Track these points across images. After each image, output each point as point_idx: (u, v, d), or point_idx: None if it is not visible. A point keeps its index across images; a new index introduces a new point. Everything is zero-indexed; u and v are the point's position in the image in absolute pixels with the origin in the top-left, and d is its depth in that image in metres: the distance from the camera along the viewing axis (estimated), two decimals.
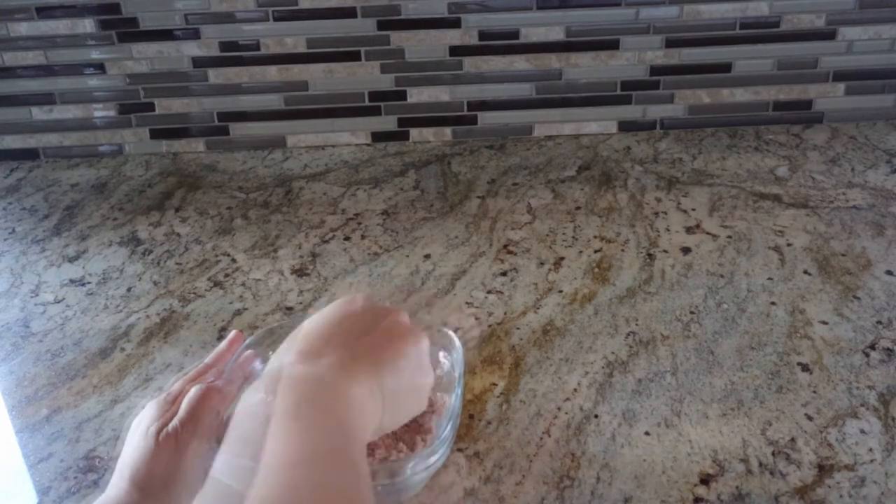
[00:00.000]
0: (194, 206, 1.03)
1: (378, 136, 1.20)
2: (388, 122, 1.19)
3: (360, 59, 1.14)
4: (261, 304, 0.82)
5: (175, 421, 0.53)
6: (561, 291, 0.81)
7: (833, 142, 1.13)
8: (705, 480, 0.58)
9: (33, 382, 0.72)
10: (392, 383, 0.45)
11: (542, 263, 0.87)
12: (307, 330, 0.47)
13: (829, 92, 1.18)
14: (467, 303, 0.80)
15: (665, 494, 0.57)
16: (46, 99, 1.16)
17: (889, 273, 0.82)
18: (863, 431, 0.62)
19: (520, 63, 1.15)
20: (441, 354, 0.63)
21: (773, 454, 0.60)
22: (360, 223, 0.97)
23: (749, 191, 1.00)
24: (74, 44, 1.12)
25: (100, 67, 1.14)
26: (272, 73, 1.15)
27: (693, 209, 0.96)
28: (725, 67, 1.16)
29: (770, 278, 0.82)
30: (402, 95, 1.17)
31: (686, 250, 0.88)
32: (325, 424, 0.39)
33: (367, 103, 1.17)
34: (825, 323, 0.75)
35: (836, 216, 0.93)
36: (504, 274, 0.85)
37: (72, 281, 0.88)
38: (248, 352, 0.63)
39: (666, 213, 0.95)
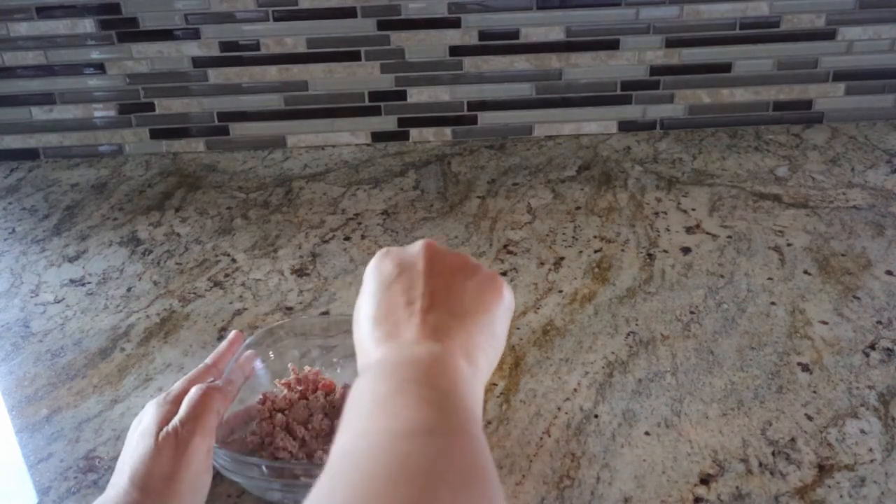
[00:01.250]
0: (194, 206, 1.03)
1: (378, 136, 1.20)
2: (388, 122, 1.19)
3: (360, 59, 1.14)
4: (261, 304, 0.82)
5: (175, 420, 0.53)
6: (561, 291, 0.81)
7: (833, 142, 1.13)
8: (705, 480, 0.58)
9: (33, 382, 0.72)
10: (485, 344, 0.43)
11: (542, 263, 0.87)
12: (371, 313, 0.44)
13: (829, 92, 1.18)
14: None
15: (665, 494, 0.57)
16: (46, 99, 1.16)
17: (889, 273, 0.82)
18: (863, 431, 0.62)
19: (520, 63, 1.15)
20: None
21: (773, 454, 0.60)
22: (360, 223, 0.97)
23: (749, 191, 1.00)
24: (74, 44, 1.12)
25: (100, 67, 1.14)
26: (272, 73, 1.15)
27: (693, 209, 0.96)
28: (725, 67, 1.16)
29: (770, 278, 0.82)
30: (402, 95, 1.17)
31: (686, 250, 0.88)
32: (430, 398, 0.36)
33: (367, 103, 1.17)
34: (825, 323, 0.75)
35: (836, 216, 0.93)
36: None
37: (72, 281, 0.88)
38: (249, 352, 0.64)
39: (666, 213, 0.96)
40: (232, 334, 0.64)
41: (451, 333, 0.42)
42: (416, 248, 0.48)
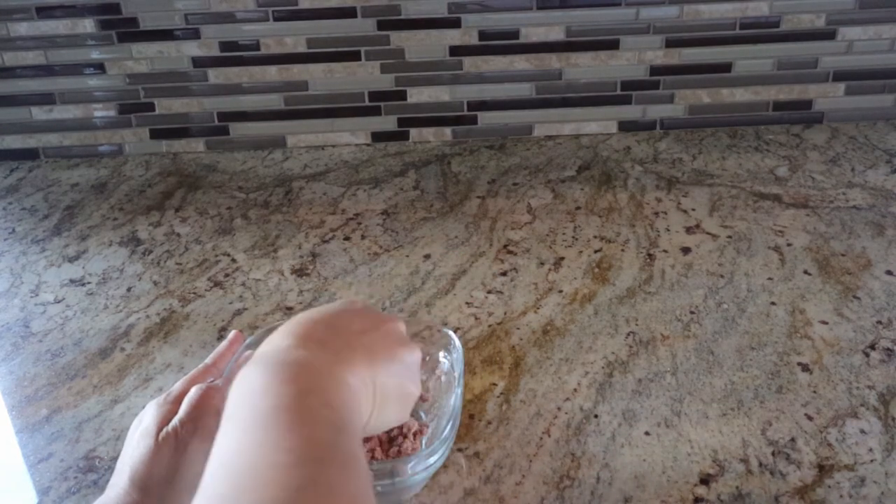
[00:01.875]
0: (194, 206, 1.03)
1: (378, 136, 1.20)
2: (388, 122, 1.19)
3: (360, 59, 1.14)
4: (261, 304, 0.82)
5: (175, 420, 0.53)
6: (561, 291, 0.81)
7: (833, 142, 1.13)
8: (705, 480, 0.58)
9: (33, 382, 0.72)
10: (384, 382, 0.45)
11: (542, 263, 0.87)
12: (305, 317, 0.46)
13: (829, 92, 1.18)
14: (467, 303, 0.80)
15: (665, 494, 0.57)
16: (46, 99, 1.16)
17: (889, 273, 0.82)
18: (863, 431, 0.62)
19: (520, 63, 1.15)
20: (441, 354, 0.63)
21: (773, 454, 0.60)
22: (360, 223, 0.97)
23: (749, 191, 1.00)
24: (74, 44, 1.12)
25: (100, 67, 1.14)
26: (272, 73, 1.15)
27: (693, 209, 0.96)
28: (725, 67, 1.16)
29: (770, 278, 0.82)
30: (402, 95, 1.17)
31: (686, 250, 0.88)
32: (326, 418, 0.38)
33: (367, 103, 1.17)
34: (825, 323, 0.75)
35: (836, 216, 0.93)
36: (504, 274, 0.85)
37: (72, 281, 0.88)
38: (248, 352, 0.63)
39: (666, 213, 0.96)
40: (232, 334, 0.64)
41: (354, 361, 0.43)
42: (383, 313, 0.51)
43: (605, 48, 1.14)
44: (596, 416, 0.65)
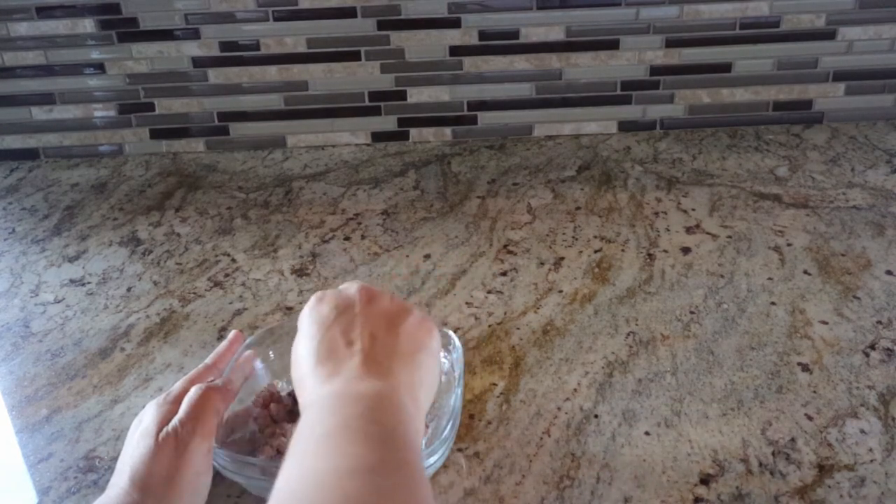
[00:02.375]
0: (194, 206, 1.03)
1: (378, 136, 1.20)
2: (388, 122, 1.19)
3: (360, 59, 1.14)
4: (261, 304, 0.82)
5: (175, 420, 0.53)
6: (561, 291, 0.81)
7: (833, 142, 1.13)
8: (705, 480, 0.58)
9: (33, 382, 0.72)
10: (425, 379, 0.46)
11: (542, 263, 0.87)
12: (312, 352, 0.46)
13: (829, 92, 1.18)
14: (467, 303, 0.80)
15: (665, 494, 0.57)
16: (46, 99, 1.16)
17: (889, 273, 0.82)
18: (863, 431, 0.62)
19: (520, 63, 1.15)
20: (441, 354, 0.63)
21: (773, 454, 0.60)
22: (360, 223, 0.97)
23: (749, 191, 1.00)
24: (74, 44, 1.12)
25: (100, 67, 1.14)
26: (272, 73, 1.15)
27: (693, 209, 0.96)
28: (725, 67, 1.16)
29: (770, 278, 0.82)
30: (402, 95, 1.17)
31: (686, 250, 0.88)
32: (380, 435, 0.38)
33: (367, 103, 1.17)
34: (825, 323, 0.75)
35: (836, 216, 0.93)
36: (504, 274, 0.85)
37: (72, 281, 0.88)
38: (249, 352, 0.64)
39: (666, 213, 0.96)
40: (232, 334, 0.64)
41: (394, 371, 0.44)
42: (352, 290, 0.50)
43: (605, 48, 1.14)
44: (596, 416, 0.65)
